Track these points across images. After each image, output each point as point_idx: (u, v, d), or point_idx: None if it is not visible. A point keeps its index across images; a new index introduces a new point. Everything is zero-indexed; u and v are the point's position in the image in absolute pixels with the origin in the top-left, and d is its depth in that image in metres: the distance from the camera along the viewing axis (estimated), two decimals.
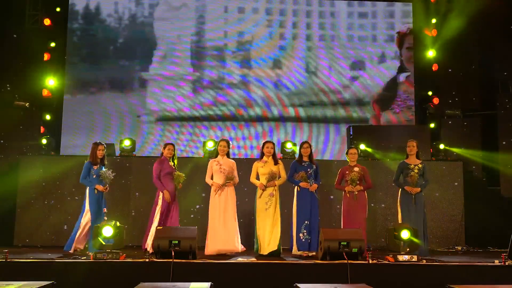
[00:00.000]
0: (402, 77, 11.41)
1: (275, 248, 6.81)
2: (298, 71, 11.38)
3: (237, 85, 11.28)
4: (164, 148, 7.37)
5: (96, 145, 7.25)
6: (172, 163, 7.31)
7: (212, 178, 7.08)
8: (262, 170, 7.01)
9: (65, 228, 8.78)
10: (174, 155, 7.38)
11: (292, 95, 11.29)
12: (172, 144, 7.45)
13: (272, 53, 11.42)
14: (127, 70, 11.12)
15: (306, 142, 7.26)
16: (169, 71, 11.20)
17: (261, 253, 6.80)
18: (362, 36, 11.54)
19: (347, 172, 7.14)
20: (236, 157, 9.79)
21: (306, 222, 6.90)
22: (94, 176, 7.07)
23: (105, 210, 7.06)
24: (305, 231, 6.87)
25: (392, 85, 11.41)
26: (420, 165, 7.01)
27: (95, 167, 7.11)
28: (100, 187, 7.01)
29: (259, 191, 6.98)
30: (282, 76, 11.36)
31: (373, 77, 11.44)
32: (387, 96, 11.35)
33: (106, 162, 7.33)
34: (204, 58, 11.33)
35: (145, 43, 11.23)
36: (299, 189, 7.03)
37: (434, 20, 11.19)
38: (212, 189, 7.05)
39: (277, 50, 11.45)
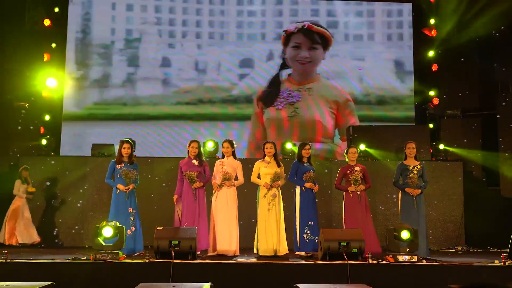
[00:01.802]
0: (284, 74, 11.42)
1: (286, 251, 6.85)
2: (187, 69, 11.30)
3: (124, 83, 11.14)
4: (189, 146, 7.10)
5: (121, 142, 7.04)
6: (197, 161, 7.03)
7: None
8: (265, 170, 6.98)
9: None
10: (199, 153, 7.07)
11: (180, 93, 11.22)
12: (196, 141, 7.13)
13: (161, 51, 11.34)
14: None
15: (307, 143, 7.23)
16: None
17: (260, 254, 6.79)
18: (251, 34, 11.54)
19: (348, 171, 7.10)
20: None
21: (310, 223, 6.88)
22: (118, 176, 6.88)
23: (130, 209, 6.87)
24: (308, 231, 6.85)
25: (275, 82, 11.41)
26: (419, 166, 7.00)
27: (118, 166, 6.91)
28: (121, 187, 6.83)
29: (262, 191, 6.96)
30: (171, 74, 11.28)
31: (260, 74, 11.45)
32: (271, 93, 11.35)
33: (135, 161, 7.07)
34: (90, 56, 11.16)
35: None
36: (304, 190, 6.99)
37: (432, 21, 11.21)
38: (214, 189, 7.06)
39: (166, 48, 11.37)
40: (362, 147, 9.43)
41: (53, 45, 10.75)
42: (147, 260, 5.69)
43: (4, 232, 8.41)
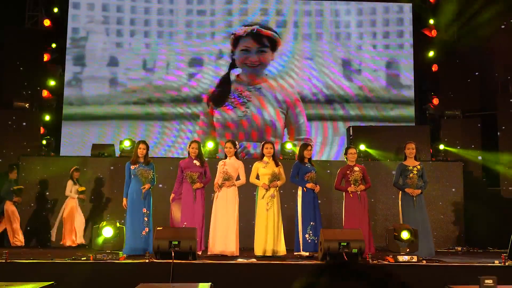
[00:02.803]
0: (233, 74, 11.32)
1: (284, 252, 6.83)
2: (135, 68, 11.16)
3: (71, 82, 10.97)
4: (189, 146, 7.07)
5: (138, 143, 7.05)
6: (198, 162, 6.98)
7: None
8: (263, 170, 6.98)
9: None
10: (200, 153, 7.02)
11: (128, 92, 11.06)
12: (196, 142, 7.11)
13: (108, 50, 11.17)
14: None
15: (309, 144, 7.28)
16: None
17: (256, 254, 6.78)
18: (200, 33, 11.40)
19: (347, 172, 7.09)
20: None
21: (312, 223, 6.87)
22: (133, 176, 6.85)
23: (144, 210, 6.83)
24: (310, 232, 6.84)
25: (225, 82, 11.29)
26: (418, 167, 6.98)
27: (133, 167, 6.87)
28: (124, 202, 6.85)
29: (261, 192, 6.95)
30: (118, 73, 11.11)
31: (210, 74, 11.33)
32: (222, 93, 11.23)
33: (151, 161, 7.04)
34: None
35: None
36: (305, 190, 6.99)
37: (432, 21, 11.21)
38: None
39: (114, 47, 11.20)
40: (362, 147, 9.42)
41: (54, 45, 10.75)
42: (147, 260, 5.68)
43: (59, 232, 8.38)
